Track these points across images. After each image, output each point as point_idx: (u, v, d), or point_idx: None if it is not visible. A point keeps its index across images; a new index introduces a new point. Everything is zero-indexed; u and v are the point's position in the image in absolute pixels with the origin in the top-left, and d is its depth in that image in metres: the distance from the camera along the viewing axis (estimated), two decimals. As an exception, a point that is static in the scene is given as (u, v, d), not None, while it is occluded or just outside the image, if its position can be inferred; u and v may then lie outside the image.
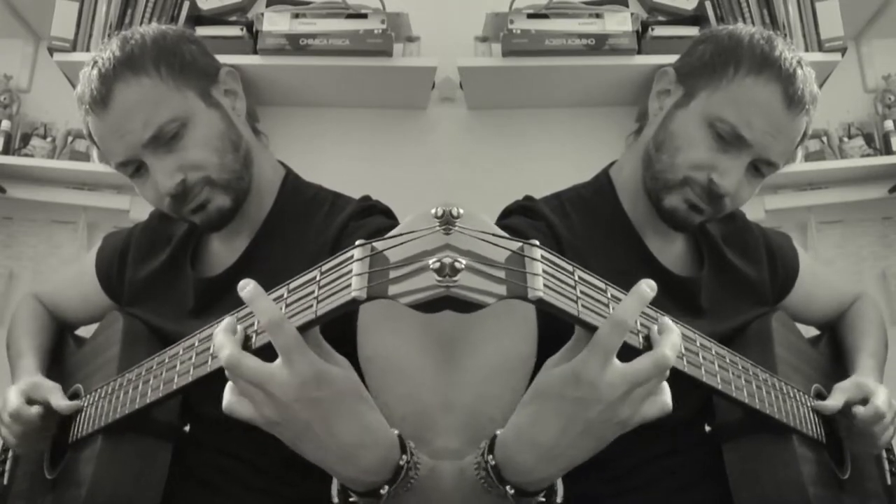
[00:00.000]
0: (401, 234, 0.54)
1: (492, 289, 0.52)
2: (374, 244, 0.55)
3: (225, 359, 0.60)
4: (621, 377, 0.59)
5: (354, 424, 0.63)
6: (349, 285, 0.55)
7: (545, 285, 0.55)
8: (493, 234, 0.54)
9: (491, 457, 0.65)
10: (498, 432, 0.66)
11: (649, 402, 0.62)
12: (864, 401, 0.93)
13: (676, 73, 0.99)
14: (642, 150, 1.00)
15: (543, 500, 0.66)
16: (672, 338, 0.62)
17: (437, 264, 0.50)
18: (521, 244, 0.55)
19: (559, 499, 0.67)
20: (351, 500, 0.66)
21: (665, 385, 0.63)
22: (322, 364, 0.61)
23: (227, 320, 0.64)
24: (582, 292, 0.59)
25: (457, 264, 0.50)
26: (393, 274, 0.53)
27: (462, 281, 0.50)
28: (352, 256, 0.56)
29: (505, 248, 0.54)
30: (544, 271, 0.55)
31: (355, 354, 0.86)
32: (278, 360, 0.60)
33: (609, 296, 0.61)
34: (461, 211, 0.53)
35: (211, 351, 0.70)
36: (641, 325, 0.64)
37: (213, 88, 0.97)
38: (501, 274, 0.53)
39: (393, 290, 0.53)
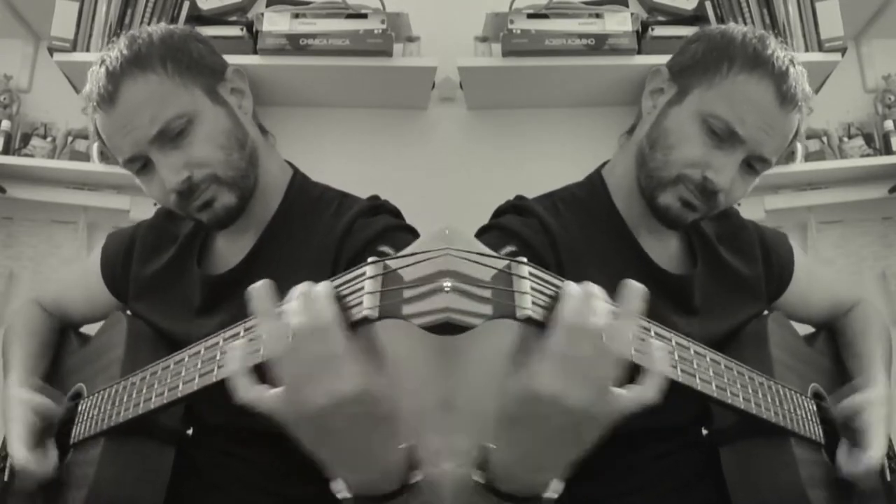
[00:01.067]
0: (414, 254, 0.54)
1: (478, 309, 0.51)
2: (386, 262, 0.55)
3: (325, 320, 0.57)
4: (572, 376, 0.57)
5: (380, 441, 0.63)
6: (360, 303, 0.55)
7: (533, 302, 0.54)
8: (480, 254, 0.53)
9: (482, 473, 0.65)
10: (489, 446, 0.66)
11: (625, 395, 0.59)
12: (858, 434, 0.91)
13: (669, 72, 0.99)
14: (636, 148, 1.00)
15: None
16: (569, 303, 0.57)
17: (450, 285, 0.49)
18: (508, 262, 0.54)
19: (554, 493, 0.66)
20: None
21: (649, 378, 0.60)
22: (371, 380, 0.59)
23: (329, 286, 0.59)
24: None
25: (444, 286, 0.49)
26: (407, 294, 0.52)
27: (449, 303, 0.50)
28: (364, 273, 0.56)
29: (491, 267, 0.53)
30: (532, 288, 0.54)
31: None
32: None
33: None
34: (447, 231, 0.52)
35: (230, 352, 0.65)
36: None
37: (219, 86, 0.97)
38: (488, 294, 0.52)
39: (407, 310, 0.52)
